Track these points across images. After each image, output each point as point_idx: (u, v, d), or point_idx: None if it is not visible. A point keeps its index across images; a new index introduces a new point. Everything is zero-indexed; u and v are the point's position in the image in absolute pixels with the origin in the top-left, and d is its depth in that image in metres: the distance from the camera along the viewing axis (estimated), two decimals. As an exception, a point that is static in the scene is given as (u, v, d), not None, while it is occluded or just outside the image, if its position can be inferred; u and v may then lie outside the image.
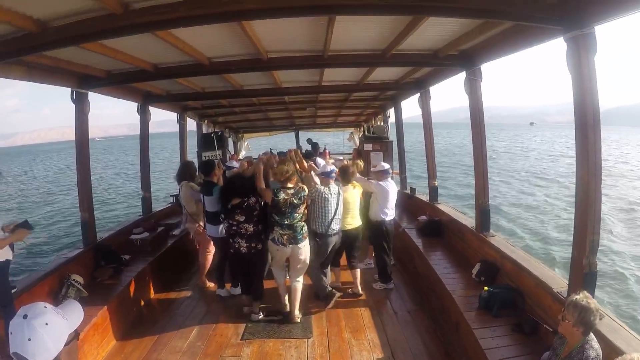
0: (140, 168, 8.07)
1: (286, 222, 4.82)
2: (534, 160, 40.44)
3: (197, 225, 6.16)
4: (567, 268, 3.69)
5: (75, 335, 1.52)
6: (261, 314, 5.19)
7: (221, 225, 5.46)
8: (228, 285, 5.95)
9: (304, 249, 4.99)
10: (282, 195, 4.77)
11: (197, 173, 6.64)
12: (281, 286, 5.22)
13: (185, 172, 6.45)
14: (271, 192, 4.84)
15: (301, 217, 4.94)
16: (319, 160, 7.11)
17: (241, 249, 4.96)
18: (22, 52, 3.81)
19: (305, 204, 4.98)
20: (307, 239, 5.02)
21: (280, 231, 4.83)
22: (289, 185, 4.90)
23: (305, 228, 5.00)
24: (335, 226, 5.24)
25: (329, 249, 5.33)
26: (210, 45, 4.75)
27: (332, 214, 5.17)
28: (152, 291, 6.03)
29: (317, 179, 5.57)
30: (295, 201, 4.80)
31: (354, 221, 5.69)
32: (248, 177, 5.08)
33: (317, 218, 5.19)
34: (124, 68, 5.43)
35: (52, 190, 31.47)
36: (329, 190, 5.18)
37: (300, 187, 4.95)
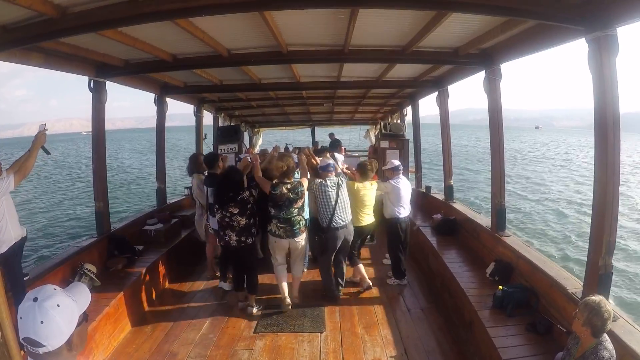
0: (156, 159, 8.07)
1: (282, 216, 4.97)
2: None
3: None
4: (579, 268, 3.67)
5: (84, 317, 1.50)
6: (256, 307, 5.19)
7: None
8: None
9: (301, 242, 5.12)
10: (279, 190, 4.92)
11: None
12: (282, 282, 5.23)
13: (194, 165, 6.46)
14: (269, 184, 4.96)
15: (298, 212, 5.04)
16: (338, 155, 7.14)
17: (231, 242, 4.97)
18: (41, 37, 3.74)
19: (302, 199, 5.05)
20: (305, 232, 5.18)
21: (278, 224, 5.00)
22: (286, 180, 4.99)
23: (303, 222, 5.13)
24: (339, 219, 5.19)
25: (337, 244, 5.27)
26: (231, 36, 4.71)
27: (333, 206, 5.16)
28: (165, 282, 6.06)
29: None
30: (291, 196, 4.93)
31: (369, 218, 5.73)
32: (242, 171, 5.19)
33: (320, 212, 5.23)
34: (142, 57, 5.40)
35: (66, 179, 31.79)
36: (327, 182, 5.22)
37: (298, 183, 5.05)
